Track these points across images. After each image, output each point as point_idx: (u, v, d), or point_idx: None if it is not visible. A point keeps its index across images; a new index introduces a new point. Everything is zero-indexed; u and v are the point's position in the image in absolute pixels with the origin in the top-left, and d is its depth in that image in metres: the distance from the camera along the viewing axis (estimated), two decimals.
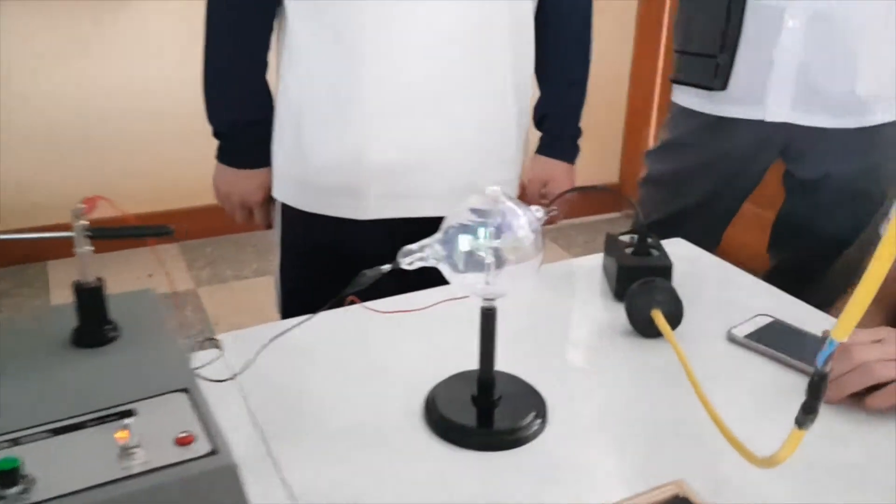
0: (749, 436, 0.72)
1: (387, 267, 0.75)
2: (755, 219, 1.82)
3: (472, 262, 0.75)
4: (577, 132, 1.43)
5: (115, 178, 2.94)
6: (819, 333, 0.97)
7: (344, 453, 0.77)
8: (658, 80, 3.26)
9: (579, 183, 1.44)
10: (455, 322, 0.99)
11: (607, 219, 3.43)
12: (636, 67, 3.28)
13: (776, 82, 1.39)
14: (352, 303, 0.98)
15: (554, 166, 1.41)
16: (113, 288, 0.74)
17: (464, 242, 0.75)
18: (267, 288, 3.03)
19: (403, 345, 0.96)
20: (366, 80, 1.18)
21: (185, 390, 0.68)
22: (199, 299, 2.79)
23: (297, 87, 1.23)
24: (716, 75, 1.42)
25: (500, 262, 0.75)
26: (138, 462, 0.59)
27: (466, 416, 0.81)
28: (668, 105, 1.62)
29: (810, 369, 0.90)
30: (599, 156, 3.34)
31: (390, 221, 1.25)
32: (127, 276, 2.74)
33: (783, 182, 1.57)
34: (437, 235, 0.76)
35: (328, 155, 1.23)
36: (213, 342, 0.90)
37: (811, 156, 1.45)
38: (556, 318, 1.03)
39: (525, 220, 0.76)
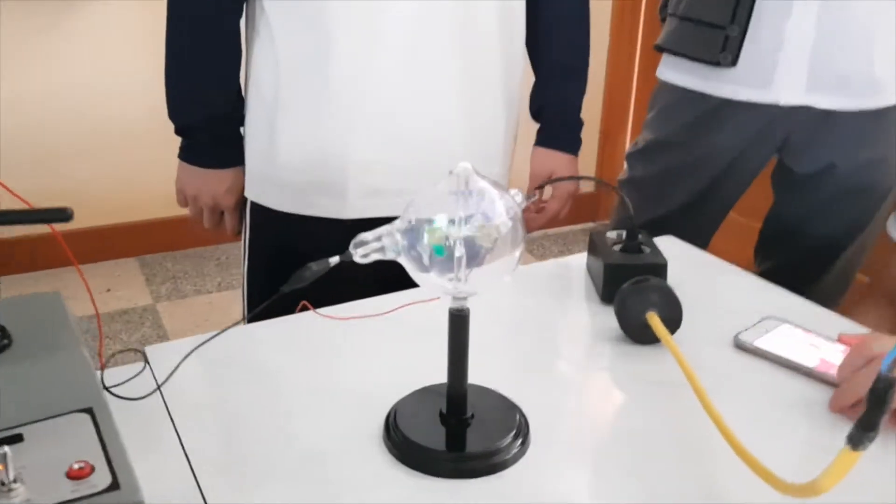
0: (768, 457, 0.60)
1: (335, 259, 0.63)
2: (739, 228, 1.71)
3: (439, 255, 0.63)
4: (579, 122, 1.32)
5: (68, 188, 2.79)
6: (831, 340, 0.86)
7: (288, 485, 0.64)
8: (634, 84, 3.16)
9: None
10: (421, 329, 0.86)
11: (582, 229, 3.32)
12: (612, 68, 3.18)
13: (788, 61, 1.27)
14: (304, 309, 0.86)
15: (556, 158, 1.31)
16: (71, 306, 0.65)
17: (429, 231, 0.63)
18: (231, 303, 2.92)
19: (361, 356, 0.83)
20: (342, 73, 1.08)
21: (87, 411, 0.56)
22: (158, 315, 2.65)
23: (271, 80, 1.11)
24: (724, 49, 1.29)
25: (472, 254, 0.63)
26: (16, 502, 0.47)
27: (434, 438, 0.68)
28: (648, 103, 1.49)
29: (829, 377, 0.80)
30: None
31: (372, 222, 1.12)
32: (84, 292, 2.58)
33: (773, 182, 1.45)
34: (397, 223, 0.64)
35: (304, 151, 1.12)
36: (138, 354, 0.77)
37: (815, 146, 1.33)
38: (537, 325, 0.91)
39: (502, 206, 0.64)
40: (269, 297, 1.01)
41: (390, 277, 0.91)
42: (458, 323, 0.66)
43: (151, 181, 2.81)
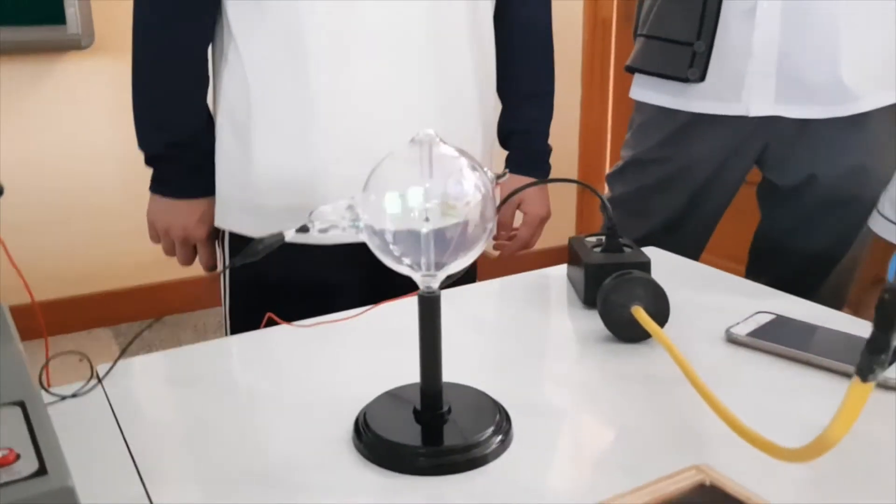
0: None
1: (291, 232, 0.58)
2: (732, 245, 1.68)
3: (404, 231, 0.59)
4: (547, 148, 1.30)
5: (34, 258, 2.73)
6: (828, 327, 0.81)
7: (254, 493, 0.58)
8: (610, 108, 3.17)
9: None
10: (392, 332, 0.82)
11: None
12: (586, 93, 3.19)
13: (756, 73, 1.26)
14: (272, 322, 0.81)
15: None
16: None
17: (391, 202, 0.58)
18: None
19: (330, 364, 0.78)
20: (318, 90, 1.04)
21: (19, 404, 0.52)
22: None
23: (242, 102, 1.06)
24: (691, 65, 1.28)
25: (439, 228, 0.59)
26: None
27: (408, 435, 0.62)
28: (627, 124, 1.48)
29: (827, 363, 0.75)
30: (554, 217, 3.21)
31: (356, 244, 1.07)
32: (57, 361, 2.50)
33: (758, 198, 1.43)
34: (357, 196, 0.60)
35: (281, 172, 1.06)
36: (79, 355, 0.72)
37: (794, 157, 1.31)
38: (518, 330, 0.86)
39: (471, 176, 0.60)
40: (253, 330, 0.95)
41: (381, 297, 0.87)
42: (429, 306, 0.61)
43: (124, 249, 2.76)
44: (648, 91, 1.37)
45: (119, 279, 2.88)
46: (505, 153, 1.29)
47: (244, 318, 1.16)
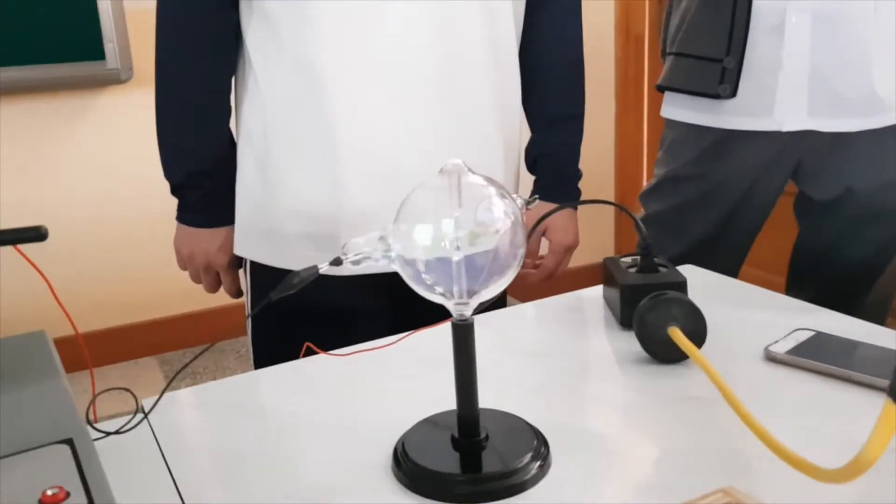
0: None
1: (324, 266, 0.59)
2: (773, 257, 1.66)
3: (436, 259, 0.59)
4: (576, 173, 1.27)
5: (78, 290, 2.78)
6: (869, 343, 0.80)
7: None
8: (645, 141, 3.15)
9: (573, 258, 1.28)
10: (427, 360, 0.82)
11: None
12: (620, 114, 3.17)
13: (787, 87, 1.25)
14: (310, 352, 0.82)
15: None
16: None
17: (422, 232, 0.59)
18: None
19: (367, 392, 0.78)
20: (335, 120, 1.04)
21: (68, 442, 0.53)
22: None
23: (260, 128, 1.08)
24: (722, 81, 1.27)
25: (471, 256, 0.59)
26: None
27: (447, 462, 0.63)
28: (659, 142, 1.47)
29: (869, 379, 0.74)
30: (592, 236, 3.20)
31: (378, 277, 1.07)
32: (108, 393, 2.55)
33: (796, 212, 1.41)
34: (389, 227, 0.60)
35: (299, 202, 1.07)
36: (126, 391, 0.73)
37: (829, 171, 1.30)
38: (554, 352, 0.86)
39: (500, 204, 0.61)
40: (279, 359, 0.96)
41: (409, 326, 0.87)
42: (462, 333, 0.62)
43: (166, 277, 2.80)
44: (680, 109, 1.36)
45: (162, 308, 2.93)
46: (520, 191, 1.27)
47: (269, 346, 1.17)
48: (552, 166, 1.26)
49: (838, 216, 1.33)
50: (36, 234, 0.54)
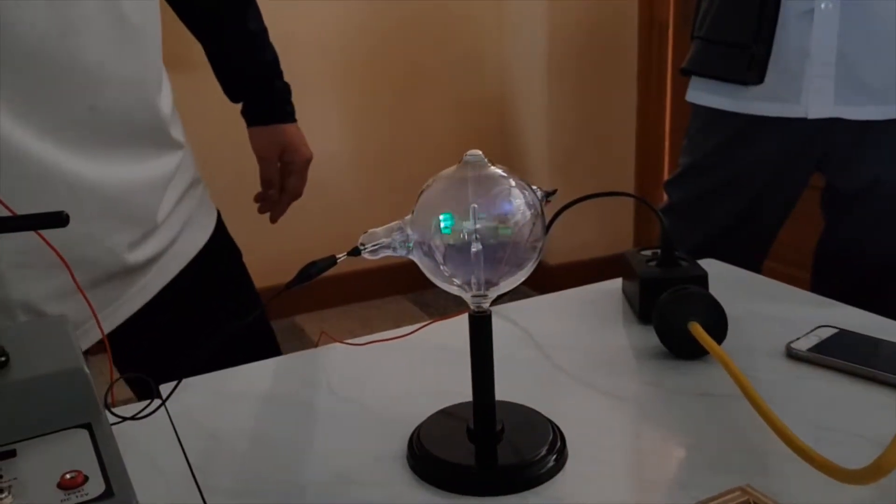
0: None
1: (342, 256, 0.59)
2: (797, 251, 1.64)
3: (454, 250, 0.59)
4: (287, 86, 1.19)
5: None
6: (894, 341, 0.79)
7: None
8: (667, 130, 3.12)
9: (592, 249, 1.27)
10: (443, 351, 0.82)
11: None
12: (642, 99, 3.14)
13: (814, 74, 1.24)
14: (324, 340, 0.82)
15: (282, 132, 1.18)
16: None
17: (441, 223, 0.59)
18: None
19: (382, 382, 0.78)
20: None
21: (86, 426, 0.53)
22: None
23: None
24: (749, 67, 1.26)
25: (489, 247, 0.59)
26: None
27: (462, 454, 0.62)
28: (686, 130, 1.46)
29: (894, 378, 0.73)
30: (611, 226, 3.17)
31: None
32: None
33: (822, 205, 1.40)
34: (407, 217, 0.60)
35: None
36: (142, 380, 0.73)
37: (855, 161, 1.28)
38: (571, 346, 0.85)
39: (519, 195, 0.60)
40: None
41: None
42: (480, 325, 0.61)
43: None
44: (705, 94, 1.35)
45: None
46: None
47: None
48: (267, 86, 1.18)
49: (865, 208, 1.31)
50: (57, 220, 0.54)
